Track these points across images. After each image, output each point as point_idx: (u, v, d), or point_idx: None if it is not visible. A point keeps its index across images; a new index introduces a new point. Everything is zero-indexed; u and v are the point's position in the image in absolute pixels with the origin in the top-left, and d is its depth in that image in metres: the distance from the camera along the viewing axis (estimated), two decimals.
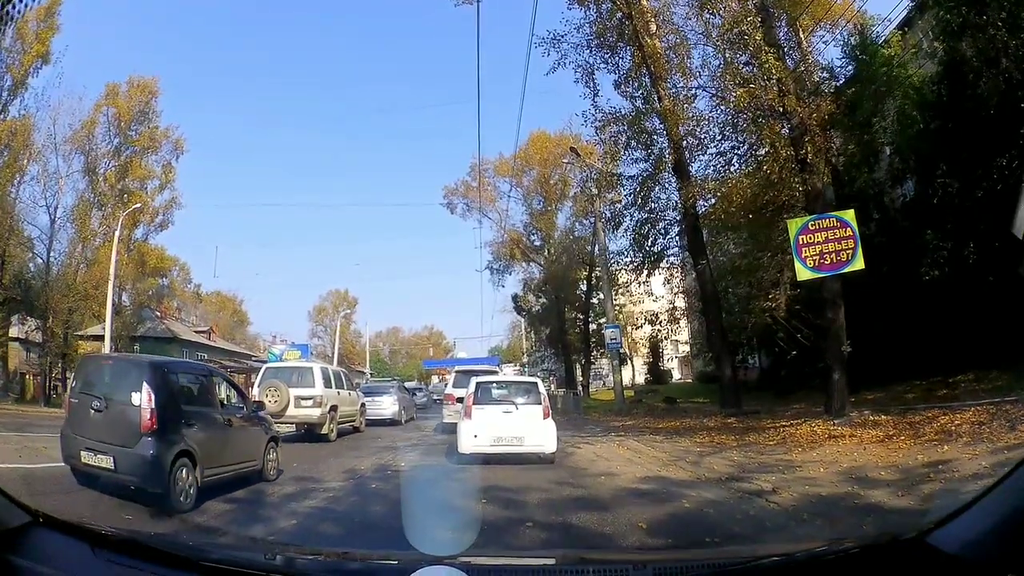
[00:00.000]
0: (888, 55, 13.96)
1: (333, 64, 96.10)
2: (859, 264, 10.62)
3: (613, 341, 21.54)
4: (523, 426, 9.42)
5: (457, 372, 16.51)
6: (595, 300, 36.70)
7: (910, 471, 6.60)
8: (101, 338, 26.49)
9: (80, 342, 30.04)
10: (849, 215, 10.92)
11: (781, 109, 10.99)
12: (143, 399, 6.17)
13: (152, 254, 34.11)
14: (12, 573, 1.54)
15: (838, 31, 13.59)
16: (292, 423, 13.18)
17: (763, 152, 12.00)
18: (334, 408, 13.92)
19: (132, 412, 6.16)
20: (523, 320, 45.81)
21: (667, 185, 15.80)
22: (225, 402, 8.07)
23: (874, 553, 1.72)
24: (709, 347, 18.24)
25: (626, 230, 16.72)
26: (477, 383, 10.23)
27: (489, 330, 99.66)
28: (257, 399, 13.28)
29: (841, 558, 1.76)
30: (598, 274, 35.34)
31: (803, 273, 10.43)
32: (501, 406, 9.72)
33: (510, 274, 40.73)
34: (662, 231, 16.76)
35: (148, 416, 6.13)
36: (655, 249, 16.82)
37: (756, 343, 25.72)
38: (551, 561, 2.84)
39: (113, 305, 26.42)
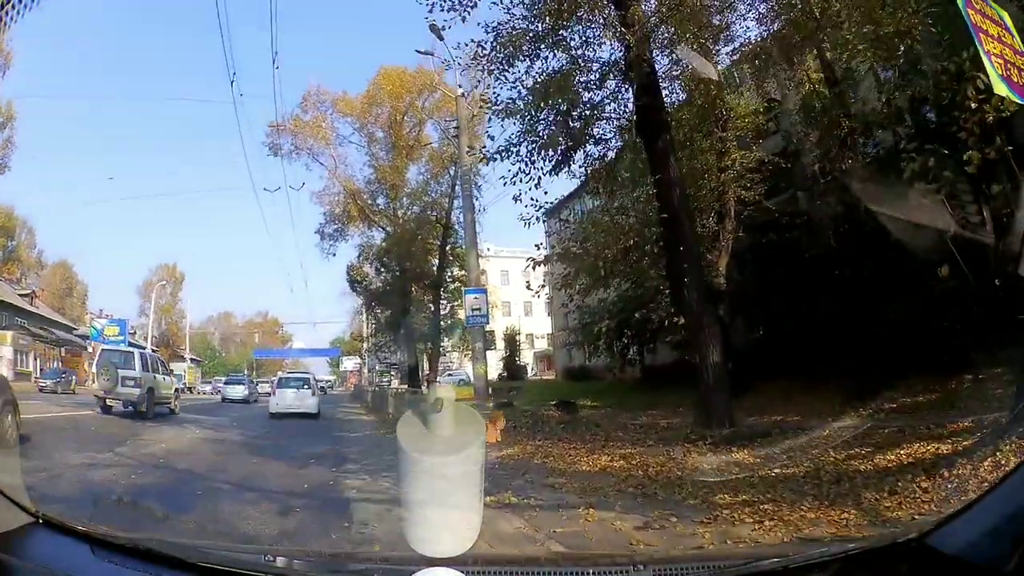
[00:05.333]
0: None
1: None
2: None
3: (476, 313, 14.52)
4: (300, 399, 19.63)
5: (280, 376, 24.61)
6: (449, 275, 29.77)
7: None
8: None
9: None
10: (1005, 15, 5.30)
11: None
12: None
13: None
14: (11, 574, 1.51)
15: None
16: (119, 400, 15.53)
17: None
18: (151, 390, 16.28)
19: None
20: (360, 299, 37.23)
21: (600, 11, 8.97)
22: None
23: (874, 554, 1.67)
24: (676, 308, 10.39)
25: (529, 91, 9.54)
26: (280, 377, 22.94)
27: (328, 315, 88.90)
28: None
29: (841, 559, 1.65)
30: (455, 242, 28.56)
31: (998, 84, 4.59)
32: (290, 389, 20.09)
33: (346, 240, 32.01)
34: (589, 96, 9.59)
35: None
36: (582, 122, 9.41)
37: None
38: (550, 561, 2.99)
39: None
